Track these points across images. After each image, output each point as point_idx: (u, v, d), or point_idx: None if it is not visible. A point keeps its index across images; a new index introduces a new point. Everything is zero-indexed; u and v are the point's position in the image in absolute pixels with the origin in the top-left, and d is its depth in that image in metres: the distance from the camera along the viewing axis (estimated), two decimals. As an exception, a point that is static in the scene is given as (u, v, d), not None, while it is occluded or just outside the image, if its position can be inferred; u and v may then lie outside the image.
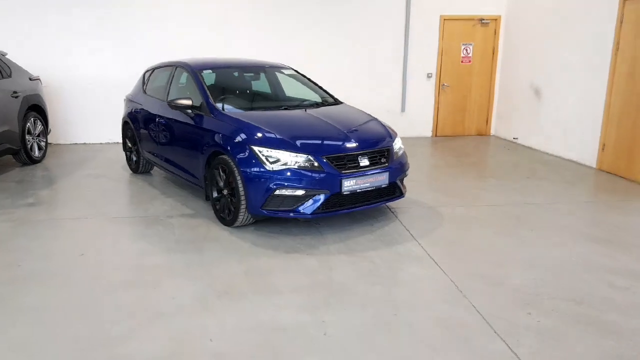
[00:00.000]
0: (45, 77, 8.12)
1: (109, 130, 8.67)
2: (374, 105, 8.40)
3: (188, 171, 5.16)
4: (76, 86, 8.53)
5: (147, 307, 3.16)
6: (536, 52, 8.35)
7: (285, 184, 4.07)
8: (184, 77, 5.73)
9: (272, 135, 4.32)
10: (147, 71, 6.52)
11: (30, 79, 7.27)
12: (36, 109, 7.29)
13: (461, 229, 4.53)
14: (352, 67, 9.22)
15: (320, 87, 5.79)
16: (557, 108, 7.81)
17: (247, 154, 4.22)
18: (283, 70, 5.90)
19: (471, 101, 9.77)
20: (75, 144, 8.69)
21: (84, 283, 3.51)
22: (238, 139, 4.35)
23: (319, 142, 4.36)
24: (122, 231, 4.52)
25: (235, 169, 4.28)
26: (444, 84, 9.65)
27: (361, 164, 4.29)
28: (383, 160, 4.47)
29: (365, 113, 5.31)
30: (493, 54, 9.61)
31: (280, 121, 4.68)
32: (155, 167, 6.43)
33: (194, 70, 5.31)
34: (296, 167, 4.11)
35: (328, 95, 5.64)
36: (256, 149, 4.20)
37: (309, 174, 4.10)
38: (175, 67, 5.76)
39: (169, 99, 5.50)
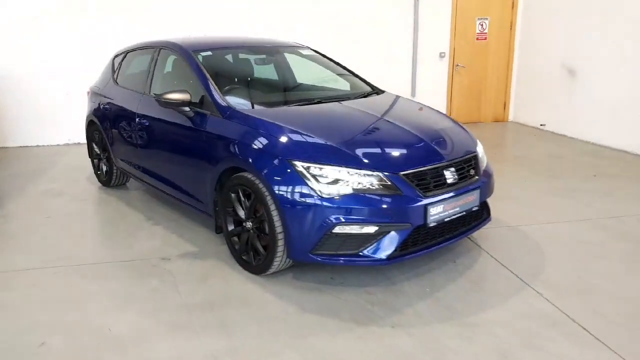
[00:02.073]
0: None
1: (68, 128, 7.08)
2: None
3: (187, 192, 3.74)
4: (27, 76, 6.83)
5: None
6: (568, 26, 7.21)
7: (350, 216, 2.74)
8: (170, 62, 4.27)
9: (322, 144, 2.97)
10: (117, 55, 4.99)
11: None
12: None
13: (576, 263, 3.33)
14: (357, 47, 7.87)
15: (350, 71, 4.44)
16: (600, 90, 6.71)
17: (285, 172, 2.86)
18: (300, 51, 4.51)
19: (487, 83, 8.62)
20: (27, 146, 7.04)
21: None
22: (269, 150, 2.98)
23: (389, 151, 3.03)
24: (100, 291, 3.09)
25: (266, 194, 2.92)
26: (457, 65, 8.45)
27: (448, 181, 3.00)
28: (472, 172, 3.20)
29: (422, 104, 4.01)
30: (511, 29, 8.45)
31: (322, 122, 3.33)
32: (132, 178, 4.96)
33: (188, 52, 3.86)
34: (363, 190, 2.78)
35: (362, 82, 4.30)
36: (300, 164, 2.84)
37: (382, 200, 2.78)
38: (158, 49, 4.28)
39: (155, 93, 4.04)
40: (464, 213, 3.08)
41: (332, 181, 2.79)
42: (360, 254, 2.83)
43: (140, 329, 2.68)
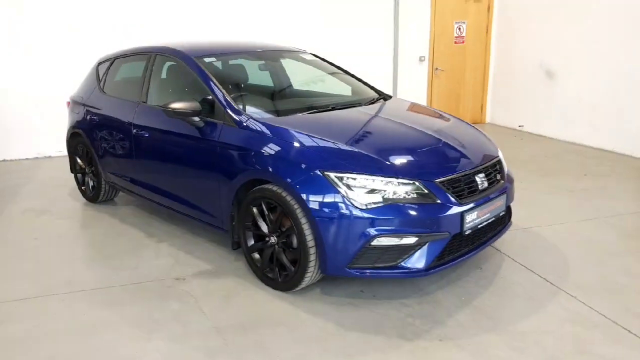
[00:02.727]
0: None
1: (37, 141, 6.64)
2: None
3: (197, 207, 3.55)
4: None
5: None
6: (544, 27, 7.40)
7: (389, 228, 2.64)
8: (167, 69, 4.06)
9: (354, 152, 2.87)
10: (102, 62, 4.71)
11: None
12: None
13: (596, 262, 3.36)
14: (337, 50, 7.78)
15: (355, 77, 4.36)
16: (578, 90, 6.91)
17: (318, 183, 2.73)
18: (302, 56, 4.39)
19: (465, 86, 8.75)
20: (-8, 161, 6.57)
21: None
22: (299, 160, 2.85)
23: (421, 158, 2.96)
24: (117, 318, 2.86)
25: (296, 206, 2.79)
26: (437, 68, 8.53)
27: (480, 187, 2.95)
28: (499, 176, 3.17)
29: (433, 109, 3.97)
30: (487, 32, 8.62)
31: (346, 129, 3.22)
32: (121, 192, 4.70)
33: (190, 59, 3.66)
34: (400, 199, 2.69)
35: (368, 87, 4.23)
36: (333, 175, 2.73)
37: (421, 208, 2.70)
38: (152, 54, 4.05)
39: (154, 102, 3.83)
40: (494, 218, 3.04)
41: (369, 191, 2.69)
42: (399, 265, 2.74)
43: (174, 357, 2.48)
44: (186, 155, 3.53)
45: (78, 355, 2.51)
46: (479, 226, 2.91)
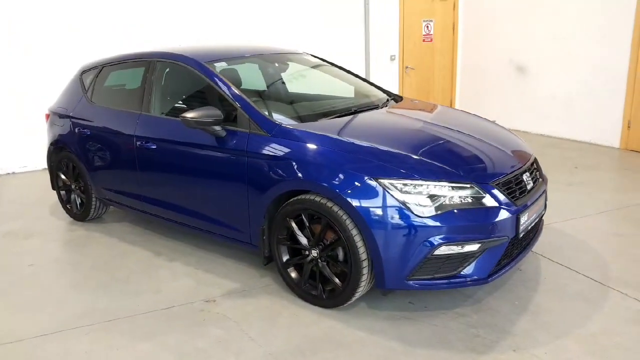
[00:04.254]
0: None
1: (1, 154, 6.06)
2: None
3: (220, 221, 3.30)
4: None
5: None
6: (513, 23, 7.60)
7: (452, 235, 2.54)
8: (171, 76, 3.75)
9: (404, 156, 2.73)
10: (86, 71, 4.31)
11: None
12: None
13: (628, 256, 3.40)
14: (310, 51, 7.64)
15: (362, 78, 4.23)
16: (551, 84, 7.15)
17: (371, 191, 2.58)
18: (307, 58, 4.21)
19: (435, 83, 8.86)
20: (-57, 180, 5.91)
21: None
22: (347, 168, 2.68)
23: (471, 160, 2.86)
24: (157, 350, 2.59)
25: (344, 217, 2.62)
26: (407, 67, 8.58)
27: (528, 186, 2.90)
28: (538, 175, 3.15)
29: (449, 108, 3.92)
30: (453, 30, 8.76)
31: (388, 132, 3.10)
32: (111, 208, 4.33)
33: (201, 64, 3.40)
34: (459, 204, 2.59)
35: (376, 88, 4.11)
36: (387, 182, 2.58)
37: (480, 213, 2.61)
38: (152, 61, 3.73)
39: (154, 112, 3.55)
40: (538, 219, 3.01)
41: (427, 197, 2.57)
42: (459, 275, 2.63)
43: (238, 393, 2.26)
44: (205, 168, 3.27)
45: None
46: (528, 227, 2.86)
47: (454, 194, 2.60)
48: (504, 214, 2.64)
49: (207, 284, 3.25)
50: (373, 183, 2.59)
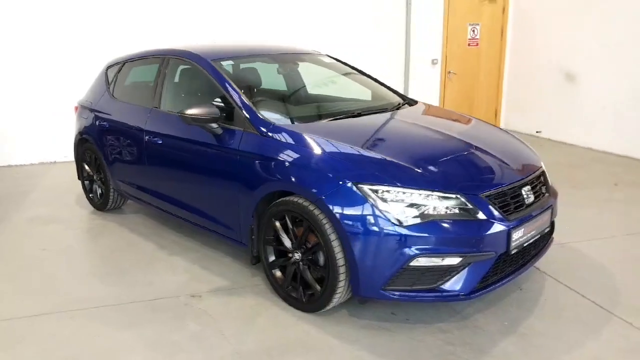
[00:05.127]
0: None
1: (42, 146, 6.43)
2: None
3: (213, 218, 3.33)
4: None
5: None
6: (564, 29, 7.18)
7: (431, 246, 2.42)
8: (181, 72, 3.84)
9: (390, 162, 2.64)
10: (111, 66, 4.50)
11: None
12: None
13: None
14: (347, 53, 7.54)
15: (376, 80, 4.14)
16: (601, 94, 6.68)
17: (351, 196, 2.51)
18: (321, 59, 4.17)
19: (479, 90, 8.53)
20: (-4, 167, 6.36)
21: None
22: (329, 171, 2.63)
23: (463, 170, 2.73)
24: (133, 340, 2.64)
25: (324, 221, 2.57)
26: (450, 72, 8.31)
27: (527, 201, 2.72)
28: (544, 189, 2.94)
29: (467, 115, 3.75)
30: (502, 34, 8.40)
31: (379, 137, 3.00)
32: (129, 200, 4.47)
33: (208, 62, 3.45)
34: (442, 215, 2.46)
35: (392, 91, 4.01)
36: (367, 188, 2.50)
37: (465, 225, 2.47)
38: (165, 58, 3.84)
39: (170, 109, 3.63)
40: (538, 236, 2.81)
41: (407, 205, 2.46)
42: (438, 288, 2.50)
43: (194, 390, 2.26)
44: (202, 164, 3.31)
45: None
46: (524, 244, 2.67)
47: (438, 204, 2.48)
48: (491, 228, 2.49)
49: (199, 279, 3.28)
50: (353, 188, 2.52)
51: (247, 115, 3.05)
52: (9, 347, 2.59)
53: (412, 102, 3.85)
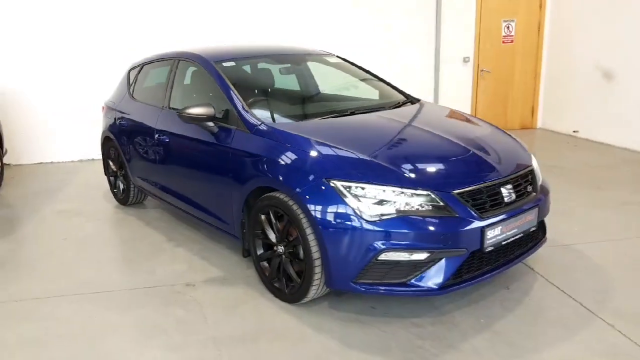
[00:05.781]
0: (-4, 81, 6.27)
1: (82, 144, 6.87)
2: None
3: (211, 212, 3.49)
4: (41, 92, 6.66)
5: None
6: (603, 25, 6.85)
7: (398, 242, 2.45)
8: (190, 74, 4.04)
9: (364, 160, 2.69)
10: (132, 68, 4.78)
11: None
12: (-16, 125, 5.49)
13: None
14: (373, 50, 7.58)
15: (381, 79, 4.16)
16: (638, 93, 6.33)
17: (324, 192, 2.58)
18: (327, 59, 4.24)
19: (514, 88, 8.28)
20: (41, 163, 6.85)
21: None
22: (305, 168, 2.71)
23: (439, 168, 2.74)
24: (123, 323, 2.84)
25: (302, 216, 2.65)
26: (482, 69, 8.12)
27: (506, 199, 2.69)
28: (529, 188, 2.88)
29: (465, 114, 3.72)
30: (539, 31, 8.11)
31: (361, 135, 3.05)
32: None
33: (209, 63, 3.61)
34: (412, 212, 2.49)
35: (395, 90, 4.02)
36: (340, 184, 2.56)
37: (434, 222, 2.48)
38: (176, 60, 4.05)
39: (174, 107, 3.81)
40: (522, 235, 2.76)
41: (377, 202, 2.50)
42: (409, 283, 2.53)
43: (166, 369, 2.41)
44: (202, 161, 3.48)
45: (76, 361, 2.48)
46: (503, 243, 2.64)
47: (408, 200, 2.50)
48: (462, 225, 2.48)
49: (197, 269, 3.44)
50: (325, 183, 2.59)
51: (238, 114, 3.19)
52: (14, 325, 2.84)
53: (414, 101, 3.85)
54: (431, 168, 2.71)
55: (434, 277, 2.51)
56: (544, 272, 3.17)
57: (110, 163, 4.91)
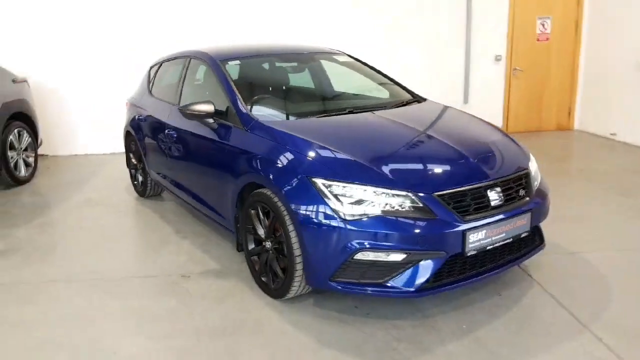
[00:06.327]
0: (36, 77, 6.60)
1: (113, 138, 7.14)
2: (429, 97, 6.71)
3: (211, 206, 3.58)
4: (74, 86, 7.01)
5: None
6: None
7: (374, 242, 2.44)
8: (201, 71, 4.14)
9: (346, 159, 2.69)
10: (153, 66, 4.94)
11: (13, 81, 5.79)
12: (22, 118, 5.81)
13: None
14: (402, 50, 7.49)
15: (389, 78, 4.12)
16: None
17: (305, 190, 2.60)
18: (336, 57, 4.24)
19: (550, 88, 7.96)
20: (76, 155, 7.21)
21: None
22: (289, 165, 2.74)
23: (423, 168, 2.70)
24: (118, 309, 2.97)
25: (284, 212, 2.68)
26: (515, 68, 7.86)
27: (492, 203, 2.62)
28: (522, 192, 2.79)
29: (467, 114, 3.64)
30: (576, 28, 7.77)
31: (351, 135, 3.05)
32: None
33: (215, 62, 3.70)
34: (391, 212, 2.47)
35: (402, 89, 3.97)
36: (320, 182, 2.58)
37: (413, 224, 2.46)
38: (188, 58, 4.16)
39: (181, 104, 3.92)
40: (511, 239, 2.68)
41: (356, 201, 2.50)
42: (386, 284, 2.51)
43: (146, 355, 2.50)
44: (204, 156, 3.57)
45: (65, 343, 2.63)
46: (488, 247, 2.57)
47: (388, 201, 2.49)
48: (441, 228, 2.44)
49: (196, 261, 3.54)
50: (306, 181, 2.61)
51: (235, 111, 3.25)
52: (20, 305, 3.03)
53: (420, 100, 3.79)
54: (415, 169, 2.68)
55: (412, 279, 2.48)
56: (541, 280, 3.06)
57: (131, 156, 5.11)
